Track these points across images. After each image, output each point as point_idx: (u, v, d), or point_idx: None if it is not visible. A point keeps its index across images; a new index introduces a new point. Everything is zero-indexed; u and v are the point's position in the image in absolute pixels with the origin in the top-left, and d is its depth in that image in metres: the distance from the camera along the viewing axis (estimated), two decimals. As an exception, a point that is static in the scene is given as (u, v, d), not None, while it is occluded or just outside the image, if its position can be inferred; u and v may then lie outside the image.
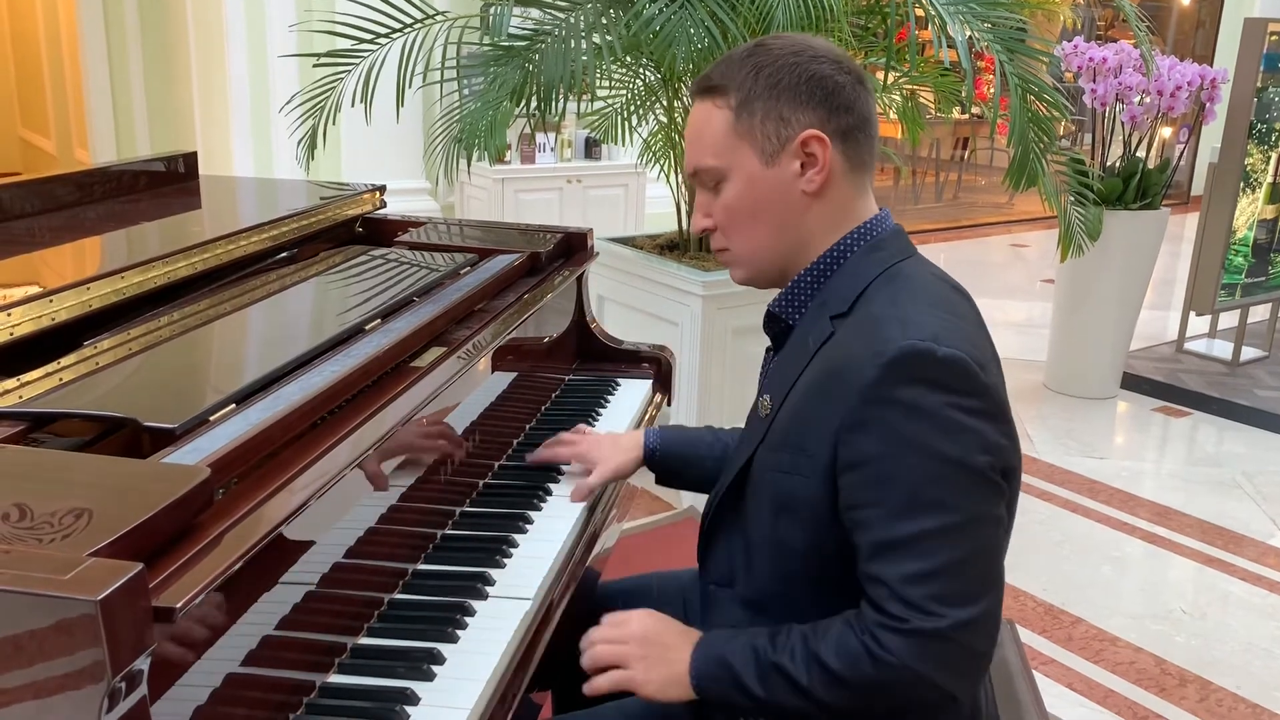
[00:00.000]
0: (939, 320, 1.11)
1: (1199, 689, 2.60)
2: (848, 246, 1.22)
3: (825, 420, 1.12)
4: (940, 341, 1.08)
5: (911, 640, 1.06)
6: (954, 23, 2.72)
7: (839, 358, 1.14)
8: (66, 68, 6.80)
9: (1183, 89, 4.28)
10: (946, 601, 1.06)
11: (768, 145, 1.20)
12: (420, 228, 2.12)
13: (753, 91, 1.19)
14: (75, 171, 1.95)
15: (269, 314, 1.55)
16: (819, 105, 1.19)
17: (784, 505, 1.18)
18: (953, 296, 1.20)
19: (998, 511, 1.12)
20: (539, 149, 5.69)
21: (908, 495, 1.06)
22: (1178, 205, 7.57)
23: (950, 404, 1.07)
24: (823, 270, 1.23)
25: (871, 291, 1.18)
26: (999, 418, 1.12)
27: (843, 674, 1.10)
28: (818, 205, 1.21)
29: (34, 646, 0.76)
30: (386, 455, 1.30)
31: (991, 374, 1.12)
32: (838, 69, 1.20)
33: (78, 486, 0.92)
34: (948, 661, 1.07)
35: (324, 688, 1.13)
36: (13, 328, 1.26)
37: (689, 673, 1.19)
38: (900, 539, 1.07)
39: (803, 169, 1.20)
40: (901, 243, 1.24)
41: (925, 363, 1.07)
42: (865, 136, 1.22)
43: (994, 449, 1.10)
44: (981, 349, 1.14)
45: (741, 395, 3.24)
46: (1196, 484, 3.84)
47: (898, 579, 1.07)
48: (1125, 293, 4.55)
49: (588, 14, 2.89)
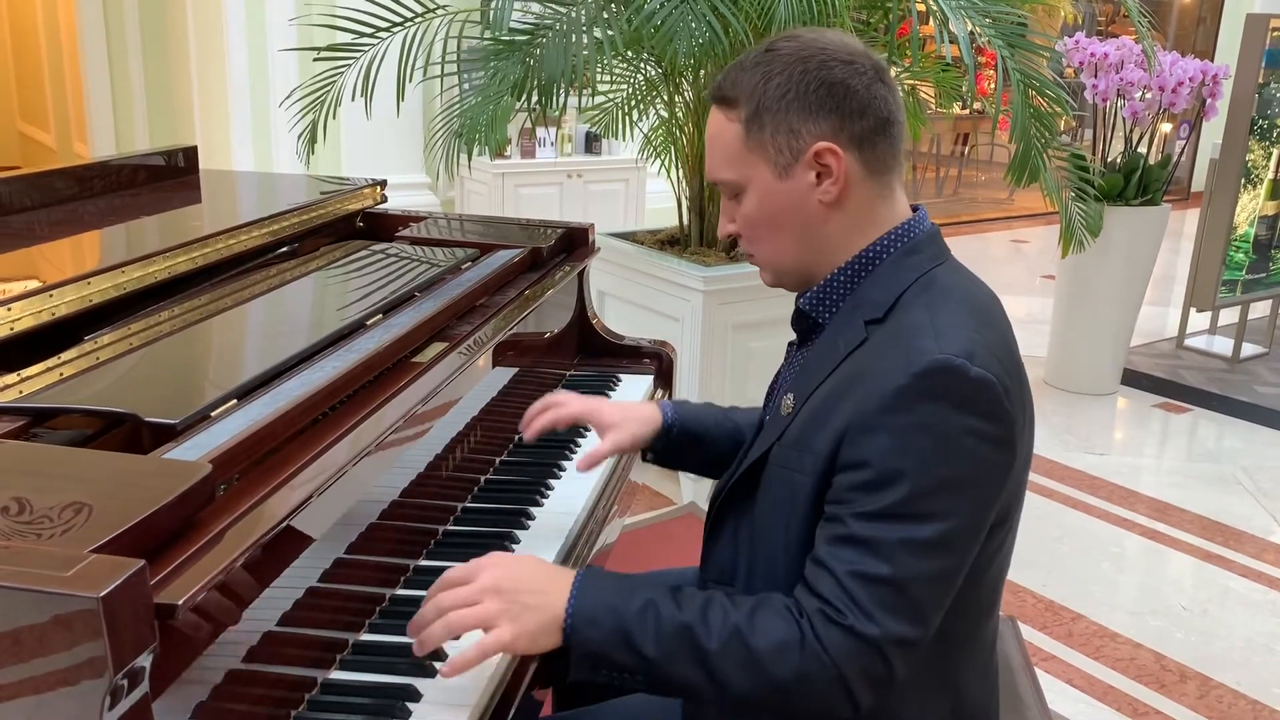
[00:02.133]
0: (974, 335, 1.09)
1: (1199, 685, 2.60)
2: (884, 248, 1.20)
3: (838, 420, 1.10)
4: (973, 359, 1.06)
5: (845, 637, 1.04)
6: (955, 18, 2.72)
7: (870, 363, 1.12)
8: (66, 61, 6.78)
9: (1184, 85, 4.27)
10: (886, 610, 1.04)
11: (780, 158, 1.17)
12: (421, 222, 2.12)
13: (761, 104, 1.17)
14: (75, 166, 1.94)
15: (270, 309, 1.55)
16: (830, 114, 1.15)
17: (784, 504, 1.17)
18: (987, 305, 1.19)
19: (973, 545, 1.10)
20: (539, 144, 5.68)
21: (893, 502, 1.05)
22: (1179, 201, 7.57)
23: (968, 428, 1.05)
24: (857, 271, 1.20)
25: (908, 298, 1.15)
26: (1013, 447, 1.10)
27: (763, 655, 1.05)
28: (837, 214, 1.19)
29: (35, 643, 0.76)
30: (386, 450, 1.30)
31: (1016, 395, 1.10)
32: (851, 70, 1.16)
33: (78, 482, 0.92)
34: (869, 672, 1.05)
35: (326, 684, 1.13)
36: (13, 322, 1.25)
37: (564, 614, 1.08)
38: (864, 538, 1.05)
39: (818, 179, 1.17)
40: (937, 246, 1.21)
41: (955, 380, 1.05)
42: (886, 138, 1.18)
43: (996, 482, 1.09)
44: (1012, 363, 1.12)
45: (742, 390, 3.24)
46: (1196, 480, 3.84)
47: (845, 571, 1.05)
48: (1126, 289, 4.54)
49: (588, 8, 2.89)
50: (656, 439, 1.49)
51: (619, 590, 1.11)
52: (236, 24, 5.05)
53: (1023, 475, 1.17)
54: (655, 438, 1.48)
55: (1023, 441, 1.13)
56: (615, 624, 1.08)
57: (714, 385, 3.24)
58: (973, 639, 1.20)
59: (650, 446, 1.50)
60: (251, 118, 5.17)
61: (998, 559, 1.18)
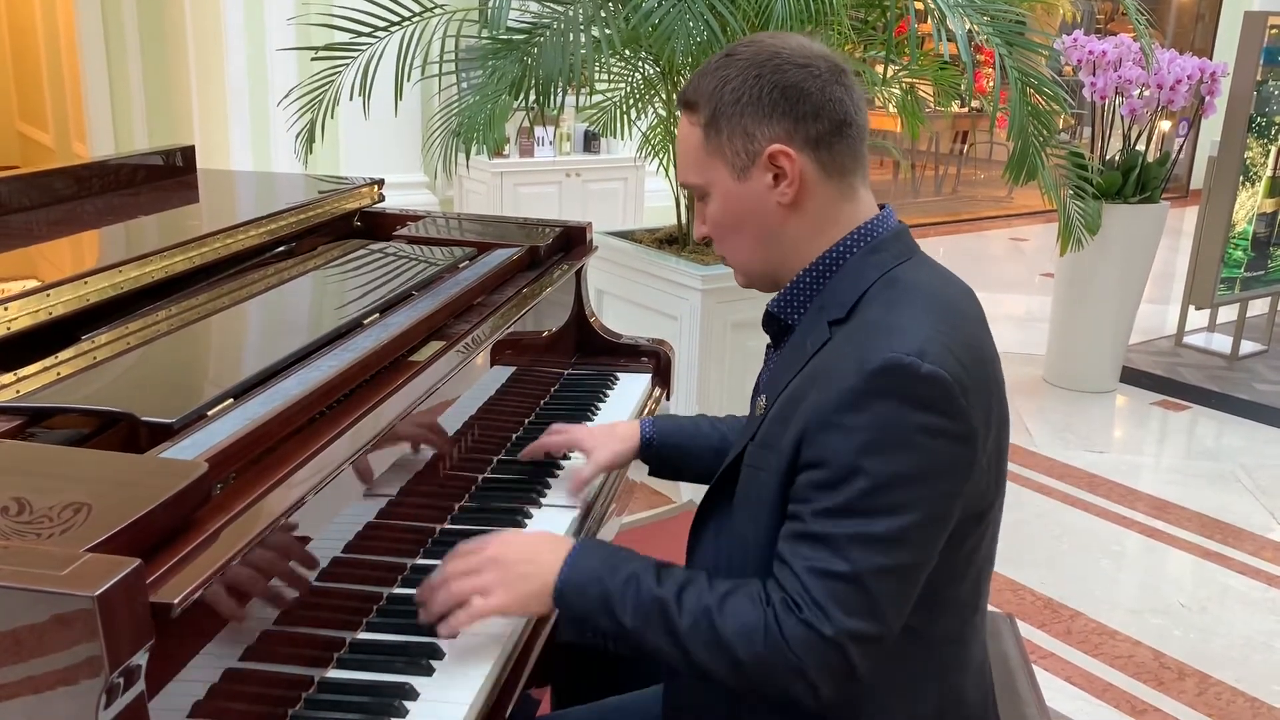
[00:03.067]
0: (929, 332, 1.09)
1: (1198, 682, 2.61)
2: (847, 248, 1.21)
3: (798, 419, 1.12)
4: (925, 357, 1.06)
5: (804, 630, 1.06)
6: (953, 16, 2.72)
7: (830, 363, 1.13)
8: (64, 61, 6.78)
9: (1182, 82, 4.28)
10: (842, 606, 1.05)
11: (737, 161, 1.19)
12: (419, 221, 2.12)
13: (718, 108, 1.19)
14: (73, 165, 1.94)
15: (267, 308, 1.55)
16: (783, 116, 1.16)
17: (755, 503, 1.18)
18: (953, 299, 1.19)
19: (933, 541, 1.10)
20: (537, 142, 5.68)
21: (848, 500, 1.06)
22: (1177, 199, 7.57)
23: (921, 425, 1.06)
24: (822, 272, 1.22)
25: (869, 297, 1.16)
26: (972, 442, 1.10)
27: (728, 638, 1.09)
28: (796, 215, 1.20)
29: (32, 642, 0.76)
30: (384, 449, 1.30)
31: (975, 392, 1.10)
32: (805, 73, 1.17)
33: (75, 481, 0.92)
34: (828, 665, 1.06)
35: (323, 683, 1.13)
36: (9, 322, 1.25)
37: (554, 582, 1.16)
38: (823, 534, 1.07)
39: (775, 181, 1.19)
40: (902, 244, 1.22)
41: (906, 378, 1.06)
42: (842, 139, 1.18)
43: (954, 478, 1.09)
44: (971, 359, 1.12)
45: (741, 389, 3.24)
46: (1195, 478, 3.84)
47: (804, 567, 1.07)
48: (1124, 286, 4.55)
49: (586, 7, 2.89)
50: (639, 453, 1.58)
51: (608, 560, 1.18)
52: (235, 24, 5.05)
53: (996, 472, 1.17)
54: (635, 454, 1.58)
55: (989, 437, 1.13)
56: (599, 592, 1.15)
57: (712, 384, 3.24)
58: (959, 636, 1.20)
59: (640, 459, 1.60)
60: (250, 117, 5.17)
61: (977, 557, 1.19)
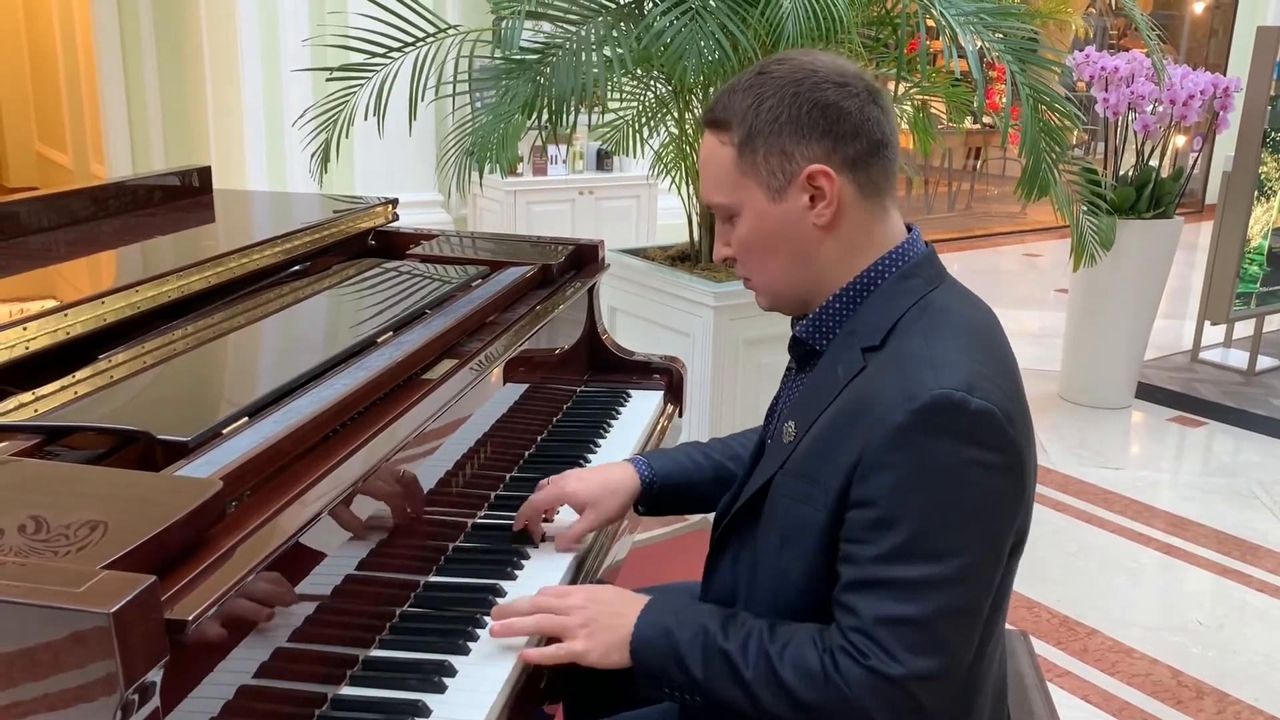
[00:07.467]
0: (973, 365, 1.09)
1: (1216, 701, 2.58)
2: (879, 273, 1.19)
3: (845, 454, 1.10)
4: (974, 392, 1.06)
5: (867, 675, 1.06)
6: (965, 33, 2.72)
7: (870, 394, 1.11)
8: (83, 84, 6.86)
9: (1195, 98, 4.27)
10: (911, 650, 1.05)
11: (773, 182, 1.17)
12: (432, 240, 2.13)
13: (754, 127, 1.16)
14: (91, 186, 1.96)
15: (282, 327, 1.56)
16: (823, 136, 1.15)
17: (791, 534, 1.17)
18: (987, 325, 1.18)
19: (991, 576, 1.10)
20: (551, 161, 5.70)
21: (907, 540, 1.05)
22: (1192, 214, 7.54)
23: (974, 460, 1.06)
24: (853, 297, 1.20)
25: (904, 325, 1.15)
26: (1021, 472, 1.11)
27: (791, 685, 1.10)
28: (832, 237, 1.18)
29: (48, 658, 0.77)
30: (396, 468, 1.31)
31: (1019, 421, 1.11)
32: (844, 92, 1.16)
33: (92, 499, 0.93)
34: (894, 708, 1.07)
35: (336, 700, 1.13)
36: (29, 341, 1.27)
37: (630, 636, 1.18)
38: (885, 579, 1.06)
39: (812, 202, 1.17)
40: (933, 268, 1.21)
41: (957, 415, 1.05)
42: (879, 160, 1.17)
43: (1007, 510, 1.10)
44: (1012, 388, 1.12)
45: (754, 405, 3.23)
46: (1212, 494, 3.81)
47: (871, 617, 1.07)
48: (1139, 302, 4.53)
49: (599, 27, 2.91)
50: (639, 499, 1.49)
51: (678, 616, 1.18)
52: (251, 45, 5.10)
53: (1030, 497, 1.17)
54: (638, 498, 1.49)
55: (1029, 465, 1.13)
56: (669, 647, 1.16)
57: (724, 401, 3.24)
58: (978, 657, 1.20)
59: (637, 504, 1.50)
60: (265, 137, 5.21)
61: (1006, 583, 1.18)
